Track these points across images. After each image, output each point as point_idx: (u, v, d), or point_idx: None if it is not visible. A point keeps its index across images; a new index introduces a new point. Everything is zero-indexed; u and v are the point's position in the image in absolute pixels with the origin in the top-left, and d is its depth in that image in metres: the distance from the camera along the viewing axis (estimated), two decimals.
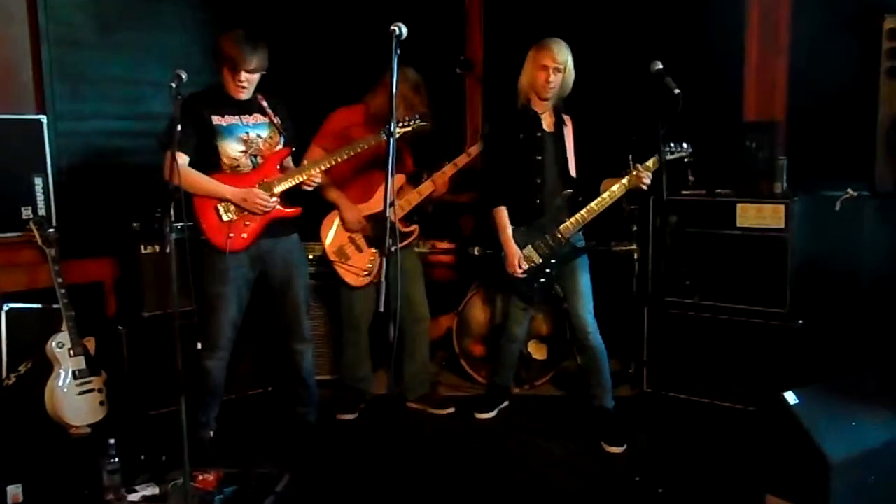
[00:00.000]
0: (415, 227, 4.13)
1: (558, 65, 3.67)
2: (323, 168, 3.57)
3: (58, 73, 4.12)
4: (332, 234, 4.04)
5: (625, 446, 3.68)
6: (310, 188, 3.58)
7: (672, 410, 4.05)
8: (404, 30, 2.59)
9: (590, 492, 3.30)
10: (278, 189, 3.50)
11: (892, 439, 2.82)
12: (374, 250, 4.00)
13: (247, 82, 3.43)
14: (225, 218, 3.46)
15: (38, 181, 3.88)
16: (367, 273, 4.00)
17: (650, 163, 3.57)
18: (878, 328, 3.43)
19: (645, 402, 4.23)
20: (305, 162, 3.73)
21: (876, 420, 2.84)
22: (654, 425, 3.66)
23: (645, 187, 3.60)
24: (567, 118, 3.88)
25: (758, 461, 2.86)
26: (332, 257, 4.02)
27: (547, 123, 3.83)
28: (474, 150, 4.05)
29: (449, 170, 4.05)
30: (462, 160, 4.07)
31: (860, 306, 3.51)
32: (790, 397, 2.74)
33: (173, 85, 2.80)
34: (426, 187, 4.05)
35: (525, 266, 3.76)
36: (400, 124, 3.49)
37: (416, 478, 3.38)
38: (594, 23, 4.74)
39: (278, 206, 3.52)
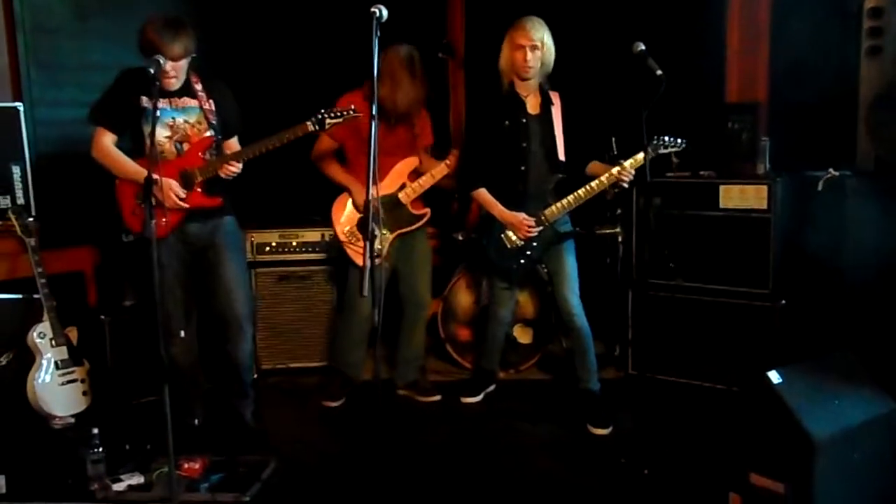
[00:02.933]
0: (426, 210, 4.09)
1: (534, 42, 3.62)
2: (243, 159, 3.41)
3: (34, 61, 4.07)
4: (344, 215, 4.02)
5: (610, 428, 3.70)
6: (228, 177, 3.42)
7: (657, 392, 4.06)
8: (385, 12, 2.57)
9: (576, 474, 3.32)
10: (199, 179, 3.40)
11: (875, 417, 2.84)
12: (384, 231, 3.98)
13: (173, 70, 3.30)
14: (143, 203, 3.28)
15: (16, 170, 3.83)
16: (377, 255, 3.98)
17: (634, 160, 3.52)
18: (860, 307, 3.45)
19: (630, 384, 4.25)
20: (234, 150, 3.56)
21: (859, 398, 2.86)
22: (639, 407, 3.68)
23: (625, 185, 3.58)
24: (554, 95, 3.83)
25: (742, 440, 2.87)
26: (343, 237, 4.00)
27: (532, 106, 3.80)
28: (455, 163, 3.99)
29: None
30: None
31: (842, 286, 3.53)
32: (773, 377, 2.75)
33: (151, 71, 2.77)
34: (440, 171, 3.98)
35: (532, 224, 3.72)
36: (332, 114, 3.41)
37: (403, 463, 3.38)
38: (577, 4, 4.72)
39: (201, 195, 3.42)
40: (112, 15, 4.36)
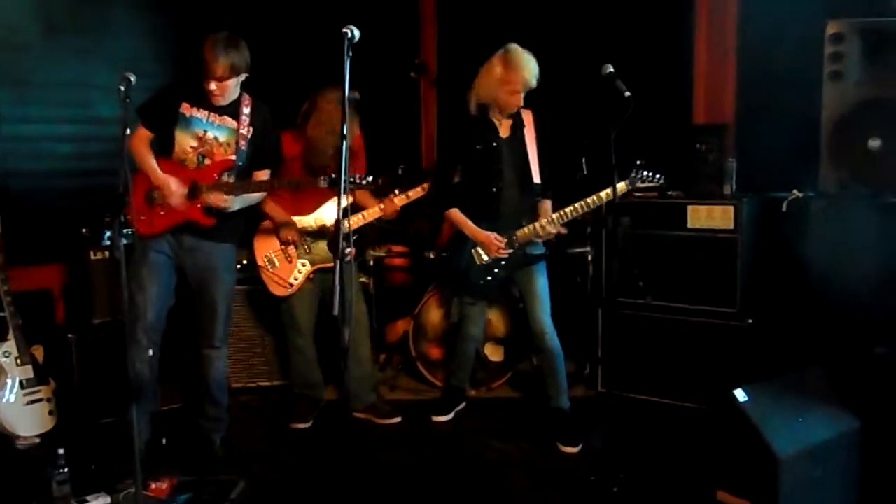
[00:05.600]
0: (352, 250, 4.08)
1: (524, 87, 3.64)
2: (241, 193, 3.46)
3: (2, 77, 4.05)
4: (267, 241, 4.02)
5: (580, 446, 3.71)
6: (218, 208, 3.43)
7: (626, 410, 4.09)
8: (356, 33, 2.58)
9: (546, 492, 3.32)
10: (204, 196, 3.40)
11: (840, 434, 2.89)
12: (302, 262, 3.99)
13: (218, 90, 3.37)
14: (148, 202, 3.42)
15: None
16: (290, 284, 3.99)
17: (607, 193, 3.52)
18: (825, 326, 3.50)
19: (599, 403, 4.27)
20: (261, 176, 3.62)
21: (823, 416, 2.91)
22: (609, 425, 3.69)
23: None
24: (527, 114, 3.84)
25: (709, 458, 2.91)
26: (261, 262, 4.01)
27: (504, 129, 3.81)
28: (429, 186, 4.00)
29: (400, 200, 3.99)
30: (416, 193, 4.01)
31: (808, 304, 3.58)
32: (740, 395, 2.79)
33: (122, 88, 2.76)
34: (373, 213, 4.01)
35: (503, 242, 3.74)
36: (352, 178, 3.45)
37: (373, 482, 3.37)
38: (547, 26, 4.78)
39: (199, 210, 3.42)
40: (82, 32, 4.36)
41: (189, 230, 3.46)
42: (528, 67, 3.62)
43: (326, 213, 4.02)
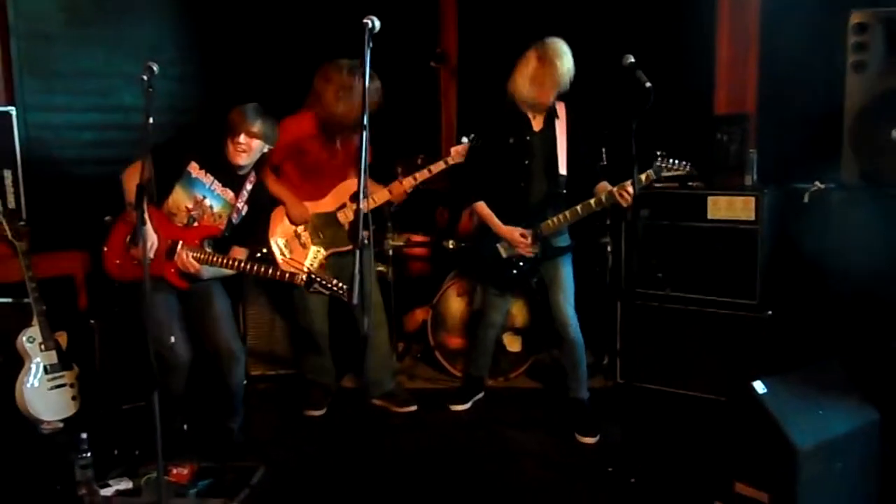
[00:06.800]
0: (367, 232, 4.10)
1: (558, 87, 3.62)
2: (206, 267, 3.49)
3: (27, 66, 4.09)
4: (279, 227, 4.02)
5: (598, 437, 3.72)
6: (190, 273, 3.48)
7: (644, 401, 4.08)
8: (377, 23, 2.58)
9: (563, 482, 3.33)
10: (178, 259, 3.43)
11: (859, 427, 2.87)
12: (316, 248, 4.00)
13: (246, 145, 3.44)
14: (128, 247, 3.45)
15: (8, 174, 3.84)
16: (306, 270, 4.01)
17: (639, 180, 3.40)
18: (845, 318, 3.48)
19: (618, 394, 4.26)
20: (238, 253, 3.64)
21: (842, 408, 2.89)
22: (627, 416, 3.69)
23: (625, 204, 3.56)
24: (560, 106, 3.82)
25: (727, 449, 2.90)
26: (275, 249, 4.01)
27: (536, 122, 3.80)
28: (436, 168, 3.97)
29: (407, 182, 3.99)
30: (423, 175, 3.98)
31: (827, 297, 3.56)
32: (759, 387, 2.77)
33: (144, 77, 2.77)
34: (381, 196, 4.01)
35: (528, 237, 3.75)
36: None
37: (390, 470, 3.39)
38: (568, 16, 4.75)
39: (174, 272, 3.47)
40: (105, 21, 4.39)
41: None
42: (560, 63, 3.58)
43: (338, 198, 4.04)
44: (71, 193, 4.19)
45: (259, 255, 3.76)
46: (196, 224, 3.54)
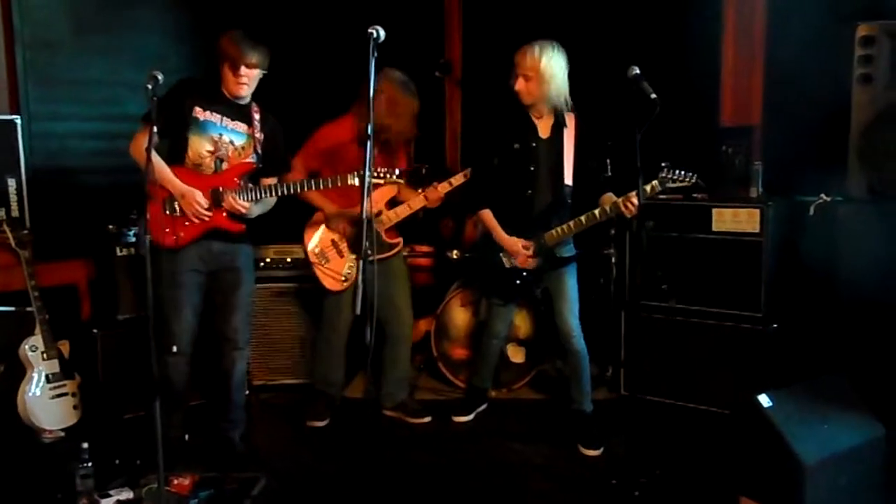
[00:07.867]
0: (399, 239, 4.11)
1: (525, 71, 3.60)
2: (253, 200, 3.47)
3: (32, 75, 4.10)
4: (316, 235, 4.02)
5: (601, 449, 3.70)
6: (240, 213, 3.47)
7: (648, 413, 4.06)
8: (382, 33, 2.59)
9: (566, 495, 3.31)
10: (225, 203, 3.42)
11: (864, 442, 2.85)
12: (354, 256, 3.99)
13: (247, 77, 3.38)
14: (168, 212, 3.38)
15: (12, 182, 3.84)
16: (344, 279, 3.99)
17: (644, 191, 3.31)
18: (850, 332, 3.46)
19: (622, 406, 4.25)
20: (269, 183, 3.58)
21: (848, 422, 2.88)
22: (631, 428, 3.67)
23: (629, 215, 3.54)
24: (570, 117, 3.79)
25: (732, 463, 2.89)
26: (313, 259, 4.00)
27: (543, 129, 3.78)
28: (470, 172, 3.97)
29: (443, 188, 3.95)
30: (458, 179, 3.96)
31: (833, 310, 3.54)
32: (764, 400, 2.76)
33: (149, 86, 2.78)
34: (417, 202, 3.98)
35: (530, 249, 3.74)
36: (377, 173, 3.39)
37: (393, 481, 3.38)
38: (573, 26, 4.75)
39: (226, 217, 3.45)
40: (110, 30, 4.40)
41: (215, 236, 3.47)
42: (528, 54, 3.58)
43: (374, 206, 4.01)
44: (75, 202, 4.19)
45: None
46: (225, 165, 3.47)
